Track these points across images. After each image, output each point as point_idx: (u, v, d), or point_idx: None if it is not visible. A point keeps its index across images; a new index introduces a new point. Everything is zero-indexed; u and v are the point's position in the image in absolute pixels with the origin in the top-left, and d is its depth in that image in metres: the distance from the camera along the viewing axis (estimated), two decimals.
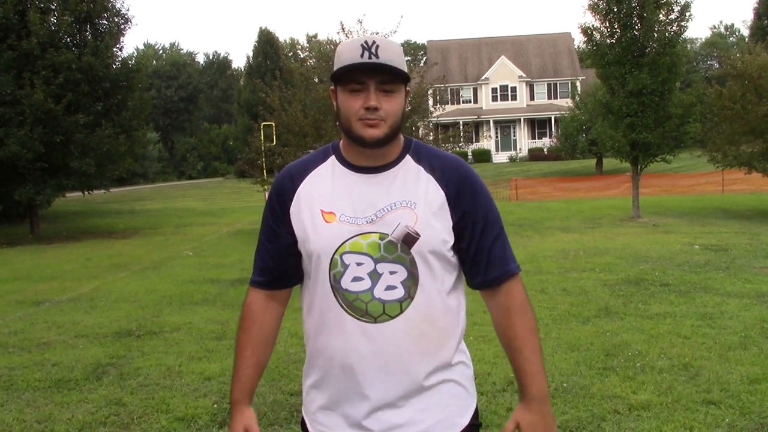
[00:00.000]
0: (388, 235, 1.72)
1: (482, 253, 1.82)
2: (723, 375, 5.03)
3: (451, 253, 1.80)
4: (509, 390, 4.87)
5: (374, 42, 1.70)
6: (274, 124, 19.25)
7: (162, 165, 67.61)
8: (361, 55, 1.68)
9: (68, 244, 17.89)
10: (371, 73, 1.70)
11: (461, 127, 30.09)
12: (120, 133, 19.78)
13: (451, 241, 1.79)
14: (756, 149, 18.30)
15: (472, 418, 1.85)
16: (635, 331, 6.39)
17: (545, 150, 51.30)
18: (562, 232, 15.41)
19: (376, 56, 1.68)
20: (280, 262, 1.89)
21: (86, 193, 22.69)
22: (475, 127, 49.09)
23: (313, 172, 1.85)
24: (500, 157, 53.15)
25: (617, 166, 32.69)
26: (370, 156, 1.78)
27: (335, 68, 1.74)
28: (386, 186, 1.78)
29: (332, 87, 1.81)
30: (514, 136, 55.23)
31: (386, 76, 1.70)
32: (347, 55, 1.71)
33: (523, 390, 1.84)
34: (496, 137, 54.80)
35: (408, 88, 1.81)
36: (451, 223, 1.78)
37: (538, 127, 55.22)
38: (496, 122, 54.45)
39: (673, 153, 18.81)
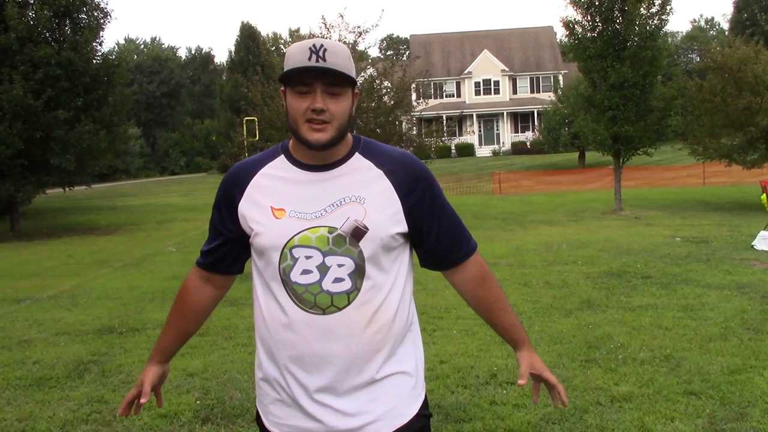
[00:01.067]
0: (336, 228, 1.77)
1: (444, 239, 1.91)
2: (704, 366, 5.07)
3: (399, 244, 1.85)
4: (492, 383, 4.88)
5: (322, 45, 1.73)
6: (256, 120, 19.19)
7: (144, 161, 67.16)
8: (309, 58, 1.72)
9: (49, 241, 17.73)
10: (318, 76, 1.73)
11: (444, 121, 30.13)
12: (101, 128, 19.59)
13: (402, 232, 1.83)
14: (736, 142, 18.47)
15: (420, 408, 1.89)
16: (617, 324, 6.43)
17: (528, 144, 51.48)
18: (545, 226, 15.47)
19: (324, 59, 1.72)
20: (220, 252, 1.99)
21: (67, 189, 22.49)
22: (459, 121, 49.31)
23: (261, 170, 1.89)
24: (483, 151, 53.26)
25: (600, 160, 32.88)
26: (318, 155, 1.82)
27: (284, 70, 1.77)
28: (335, 182, 1.82)
29: (282, 88, 1.85)
30: (497, 130, 55.35)
31: (332, 79, 1.74)
32: (295, 57, 1.74)
33: (517, 339, 2.01)
34: (480, 131, 54.90)
35: (357, 90, 1.85)
36: (402, 217, 1.82)
37: (521, 120, 55.36)
38: (479, 116, 54.55)
39: (655, 146, 18.95)
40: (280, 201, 1.83)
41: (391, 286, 1.84)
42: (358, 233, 1.77)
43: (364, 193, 1.80)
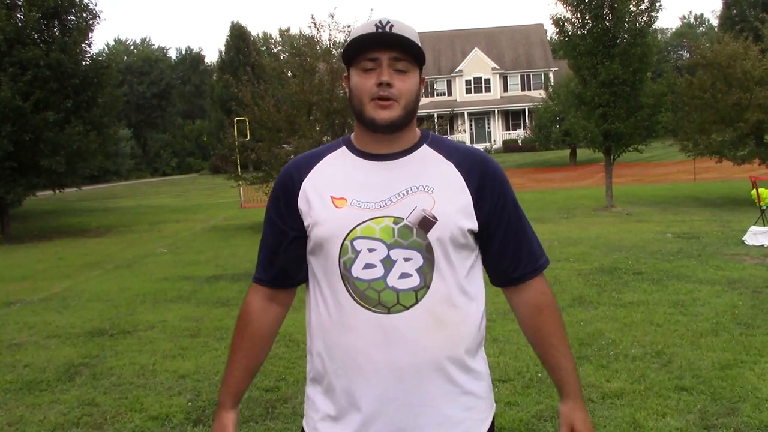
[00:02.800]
0: (402, 219, 1.62)
1: (510, 247, 1.76)
2: (695, 361, 5.09)
3: (471, 241, 1.71)
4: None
5: (388, 21, 1.64)
6: (247, 120, 19.14)
7: (135, 162, 66.95)
8: (375, 32, 1.63)
9: (40, 243, 17.66)
10: (383, 47, 1.63)
11: (436, 119, 30.13)
12: (91, 130, 19.51)
13: (472, 229, 1.69)
14: (726, 138, 18.53)
15: (488, 430, 1.75)
16: (609, 320, 6.44)
17: (519, 141, 51.54)
18: (537, 223, 15.48)
19: (389, 32, 1.63)
20: (283, 258, 1.78)
21: (57, 191, 22.40)
22: (450, 120, 49.24)
23: (322, 161, 1.76)
24: None
25: (591, 157, 32.93)
26: (383, 143, 1.70)
27: (346, 46, 1.67)
28: (402, 171, 1.68)
29: (345, 74, 1.75)
30: (489, 127, 55.39)
31: (400, 53, 1.63)
32: (360, 32, 1.65)
33: (565, 387, 1.79)
34: (471, 129, 54.94)
35: (423, 76, 1.74)
36: (473, 212, 1.68)
37: (512, 118, 55.43)
38: (470, 114, 54.58)
39: (645, 143, 18.99)
40: (340, 190, 1.68)
41: (466, 288, 1.69)
42: (427, 224, 1.62)
43: (433, 183, 1.66)
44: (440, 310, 1.63)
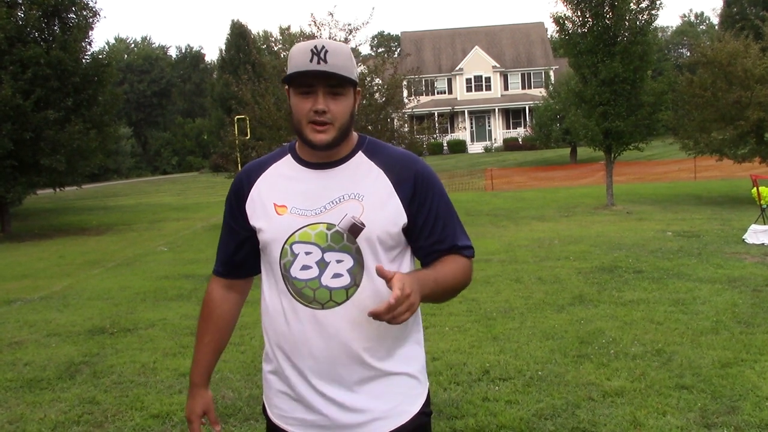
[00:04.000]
0: (335, 225, 1.80)
1: (439, 242, 1.90)
2: (695, 360, 5.09)
3: (398, 243, 1.86)
4: (484, 380, 4.89)
5: (324, 47, 1.76)
6: (247, 118, 19.12)
7: (135, 160, 66.96)
8: (310, 60, 1.75)
9: (40, 241, 17.66)
10: (319, 78, 1.76)
11: (436, 118, 30.12)
12: (91, 128, 19.50)
13: (398, 230, 1.84)
14: (727, 136, 18.51)
15: (422, 407, 1.91)
16: (609, 319, 6.44)
17: (520, 140, 51.53)
18: (538, 221, 15.49)
19: (325, 61, 1.75)
20: (236, 255, 2.01)
21: (58, 189, 22.39)
22: (450, 118, 49.30)
23: (268, 169, 1.95)
24: (475, 148, 53.30)
25: (591, 155, 32.93)
26: (321, 154, 1.86)
27: (288, 71, 1.80)
28: (336, 180, 1.85)
29: (287, 87, 1.88)
30: (489, 126, 55.39)
31: (334, 81, 1.77)
32: (297, 59, 1.77)
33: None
34: (471, 128, 54.95)
35: (359, 89, 1.89)
36: (401, 213, 1.83)
37: (513, 116, 55.42)
38: (470, 113, 54.57)
39: (646, 141, 18.97)
40: (282, 198, 1.87)
41: None
42: (355, 230, 1.79)
43: (363, 190, 1.83)
44: (369, 305, 1.75)
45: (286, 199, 1.87)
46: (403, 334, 1.89)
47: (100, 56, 21.95)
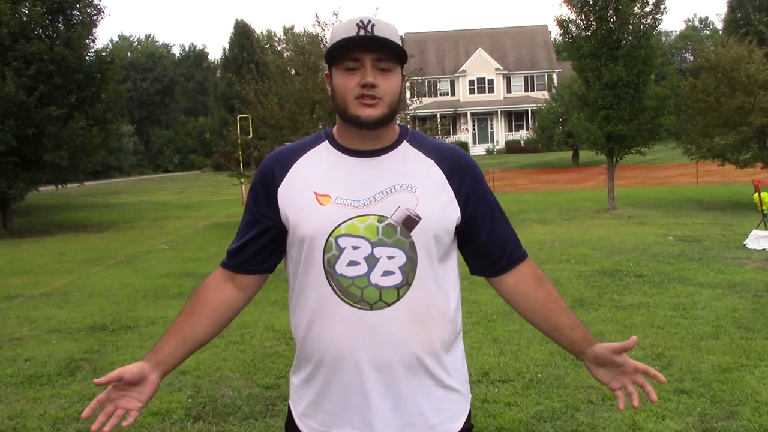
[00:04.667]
0: (386, 217, 1.65)
1: (498, 237, 1.80)
2: (695, 364, 5.09)
3: (451, 241, 1.74)
4: (484, 381, 4.89)
5: (369, 21, 1.65)
6: (250, 117, 19.14)
7: (138, 158, 67.00)
8: (357, 33, 1.63)
9: (42, 238, 17.68)
10: (367, 49, 1.64)
11: (439, 119, 30.12)
12: (94, 125, 19.53)
13: (456, 224, 1.73)
14: (729, 141, 18.50)
15: (465, 422, 1.79)
16: (609, 322, 6.44)
17: (522, 142, 51.54)
18: (539, 224, 15.49)
19: (371, 33, 1.63)
20: (251, 244, 1.80)
21: (60, 186, 22.41)
22: (453, 120, 49.21)
23: (305, 155, 1.77)
24: (477, 150, 53.27)
25: (593, 159, 32.93)
26: (366, 139, 1.71)
27: (329, 47, 1.68)
28: (384, 169, 1.71)
29: (326, 72, 1.76)
30: (492, 128, 55.37)
31: (382, 53, 1.65)
32: (341, 33, 1.66)
33: (589, 337, 1.81)
34: (474, 130, 54.92)
35: (404, 73, 1.76)
36: (456, 207, 1.72)
37: (515, 119, 55.40)
38: (473, 114, 54.56)
39: (648, 145, 18.98)
40: (324, 187, 1.69)
41: (444, 284, 1.73)
42: (410, 223, 1.65)
43: (415, 181, 1.69)
44: (421, 306, 1.67)
45: (329, 187, 1.69)
46: (453, 344, 1.77)
47: (104, 53, 22.00)
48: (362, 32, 1.63)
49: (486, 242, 1.79)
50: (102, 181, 47.76)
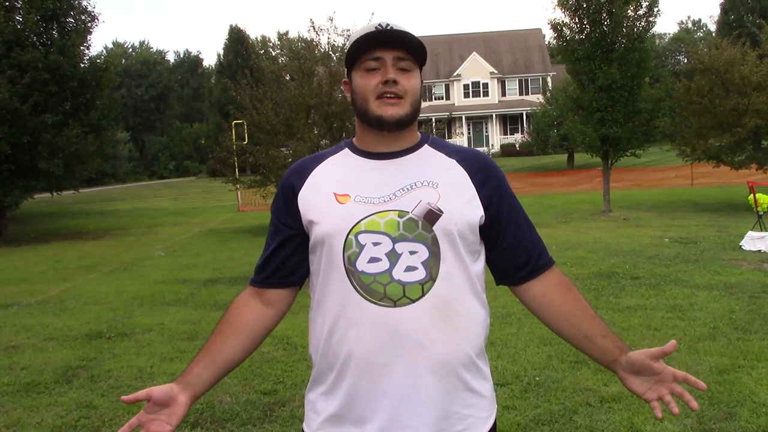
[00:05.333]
0: (407, 212, 1.62)
1: (524, 242, 1.77)
2: (692, 366, 5.10)
3: (476, 238, 1.70)
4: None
5: (388, 24, 1.65)
6: (245, 123, 19.14)
7: (133, 165, 66.89)
8: (377, 30, 1.65)
9: (37, 245, 17.64)
10: (388, 46, 1.64)
11: (434, 123, 30.18)
12: (89, 132, 19.52)
13: (480, 221, 1.69)
14: (724, 143, 18.54)
15: (490, 431, 1.73)
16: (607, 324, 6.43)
17: (517, 146, 51.59)
18: (535, 227, 15.46)
19: (392, 30, 1.65)
20: (276, 257, 1.77)
21: (55, 194, 22.38)
22: (448, 124, 49.30)
23: (323, 162, 1.76)
24: None
25: (588, 161, 33.00)
26: (387, 142, 1.70)
27: (348, 49, 1.68)
28: (405, 168, 1.69)
29: (344, 80, 1.77)
30: (487, 132, 55.45)
31: (402, 52, 1.65)
32: (361, 32, 1.67)
33: (621, 345, 1.74)
34: (469, 133, 54.95)
35: (422, 78, 1.75)
36: (478, 204, 1.69)
37: (510, 122, 55.48)
38: (468, 118, 54.63)
39: (643, 147, 19.01)
40: (344, 187, 1.67)
41: (471, 284, 1.69)
42: (432, 216, 1.61)
43: (437, 178, 1.67)
44: (447, 303, 1.62)
45: (348, 188, 1.67)
46: (481, 344, 1.72)
47: (98, 60, 21.99)
48: (382, 30, 1.64)
49: (510, 246, 1.75)
50: (97, 188, 47.68)
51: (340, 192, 1.67)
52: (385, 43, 1.64)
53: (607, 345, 1.73)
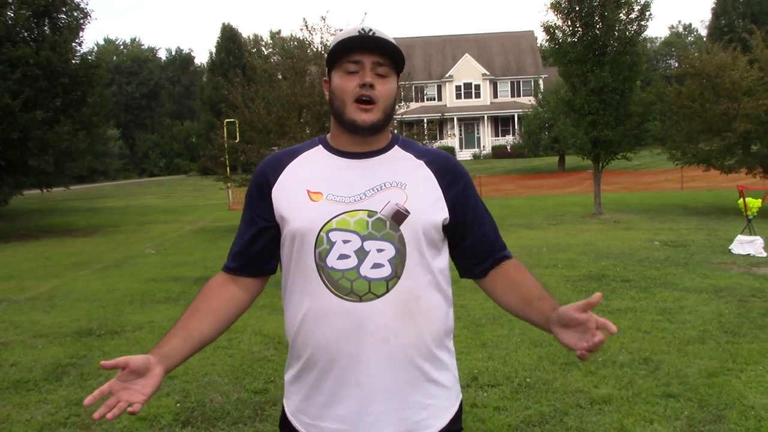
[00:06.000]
0: (376, 212, 1.70)
1: (485, 239, 1.86)
2: (682, 369, 5.12)
3: (440, 237, 1.79)
4: (473, 386, 4.90)
5: (370, 28, 1.74)
6: (236, 121, 19.11)
7: (123, 162, 66.66)
8: (359, 35, 1.73)
9: (27, 242, 17.55)
10: (367, 50, 1.72)
11: (425, 124, 30.19)
12: (79, 129, 19.44)
13: (444, 222, 1.78)
14: (714, 147, 18.63)
15: (449, 422, 1.79)
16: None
17: (509, 147, 51.70)
18: (526, 229, 15.54)
19: (373, 36, 1.73)
20: (252, 246, 1.85)
21: (45, 190, 22.28)
22: (440, 125, 49.37)
23: (298, 157, 1.84)
24: (464, 155, 53.41)
25: (579, 164, 33.09)
26: (359, 142, 1.78)
27: (330, 50, 1.76)
28: (375, 169, 1.78)
29: (324, 78, 1.84)
30: (478, 133, 55.54)
31: (381, 57, 1.73)
32: (344, 35, 1.75)
33: (555, 305, 1.72)
34: (460, 135, 55.06)
35: (400, 84, 1.84)
36: (444, 205, 1.77)
37: (502, 124, 55.59)
38: (460, 120, 54.70)
39: (634, 151, 19.08)
40: (317, 185, 1.76)
41: (434, 280, 1.77)
42: (399, 217, 1.70)
43: (406, 179, 1.76)
44: (410, 299, 1.71)
45: (321, 185, 1.76)
46: (443, 340, 1.80)
47: (90, 57, 21.90)
48: (364, 34, 1.72)
49: (472, 246, 1.85)
50: (87, 185, 47.50)
51: (314, 189, 1.76)
52: (365, 47, 1.72)
53: (543, 305, 1.77)
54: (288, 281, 1.81)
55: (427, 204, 1.74)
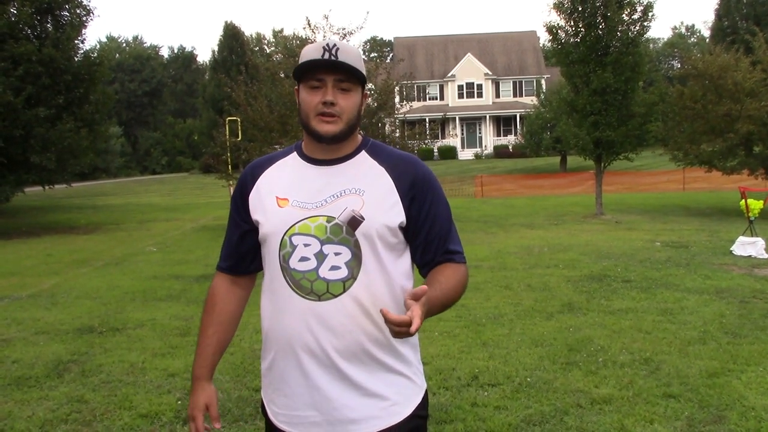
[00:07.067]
0: (334, 218, 1.83)
1: (434, 243, 1.92)
2: (683, 369, 5.13)
3: (397, 240, 1.89)
4: (473, 385, 4.90)
5: (335, 45, 1.84)
6: (239, 120, 19.11)
7: (125, 160, 66.68)
8: (322, 56, 1.82)
9: (28, 239, 17.55)
10: (329, 71, 1.83)
11: (427, 124, 30.19)
12: (82, 127, 19.42)
13: (397, 226, 1.87)
14: (716, 148, 18.64)
15: (416, 408, 1.91)
16: (598, 327, 6.48)
17: (510, 147, 51.65)
18: (527, 229, 15.54)
19: (335, 57, 1.82)
20: (240, 247, 2.04)
21: (47, 187, 22.27)
22: (442, 124, 49.32)
23: (273, 165, 2.00)
24: (466, 154, 53.41)
25: (581, 164, 33.06)
26: (326, 150, 1.91)
27: (297, 66, 1.87)
28: (338, 176, 1.90)
29: (296, 87, 1.94)
30: (480, 133, 55.51)
31: (343, 75, 1.84)
32: (309, 54, 1.85)
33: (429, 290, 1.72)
34: (462, 134, 55.02)
35: (366, 92, 1.95)
36: (400, 210, 1.86)
37: (504, 124, 55.55)
38: (462, 119, 54.67)
39: (636, 151, 19.08)
40: (285, 191, 1.91)
41: (390, 280, 1.88)
42: (354, 222, 1.82)
43: (364, 186, 1.87)
44: (366, 298, 1.83)
45: (289, 192, 1.91)
46: None
47: (92, 55, 21.89)
48: (327, 55, 1.82)
49: (423, 244, 1.93)
50: (89, 183, 47.51)
51: (282, 196, 1.91)
52: (328, 69, 1.83)
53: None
54: (264, 279, 1.98)
55: (383, 210, 1.85)
